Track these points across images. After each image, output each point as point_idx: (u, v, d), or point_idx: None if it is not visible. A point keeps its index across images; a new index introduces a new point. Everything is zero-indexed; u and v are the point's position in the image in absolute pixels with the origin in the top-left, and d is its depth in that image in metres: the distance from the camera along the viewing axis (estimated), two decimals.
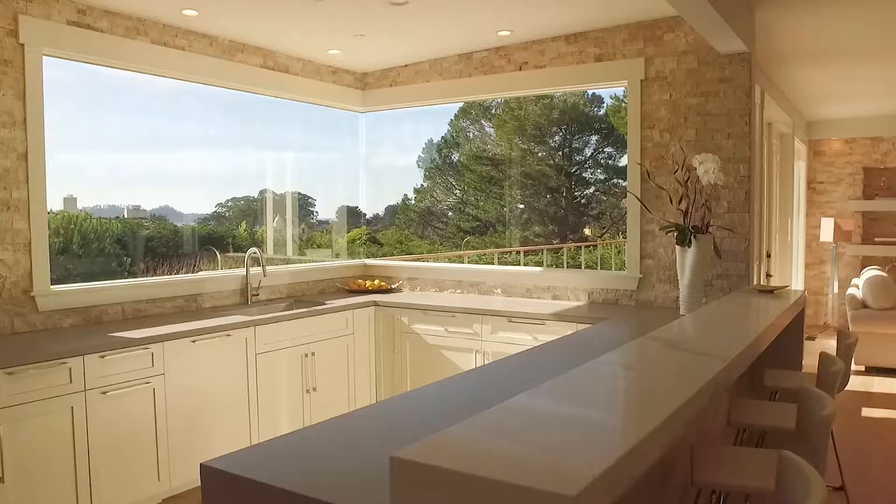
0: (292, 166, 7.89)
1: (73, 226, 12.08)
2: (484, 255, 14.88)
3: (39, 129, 3.81)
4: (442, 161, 21.47)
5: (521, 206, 18.16)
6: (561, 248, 13.13)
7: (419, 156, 22.71)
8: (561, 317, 4.25)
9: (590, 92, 16.48)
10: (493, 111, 19.50)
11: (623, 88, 4.63)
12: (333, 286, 5.59)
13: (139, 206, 14.95)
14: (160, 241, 14.14)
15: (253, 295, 4.89)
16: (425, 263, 5.86)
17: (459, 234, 20.60)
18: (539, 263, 12.01)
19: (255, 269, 4.89)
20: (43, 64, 3.83)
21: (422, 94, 5.48)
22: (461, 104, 20.45)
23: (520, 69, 4.98)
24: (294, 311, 4.57)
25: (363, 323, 4.96)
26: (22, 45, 3.73)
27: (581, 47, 4.70)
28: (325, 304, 4.88)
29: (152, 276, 11.48)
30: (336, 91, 5.65)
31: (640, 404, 1.79)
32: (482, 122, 20.34)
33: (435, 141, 22.03)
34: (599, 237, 16.44)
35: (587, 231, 17.06)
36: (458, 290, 5.34)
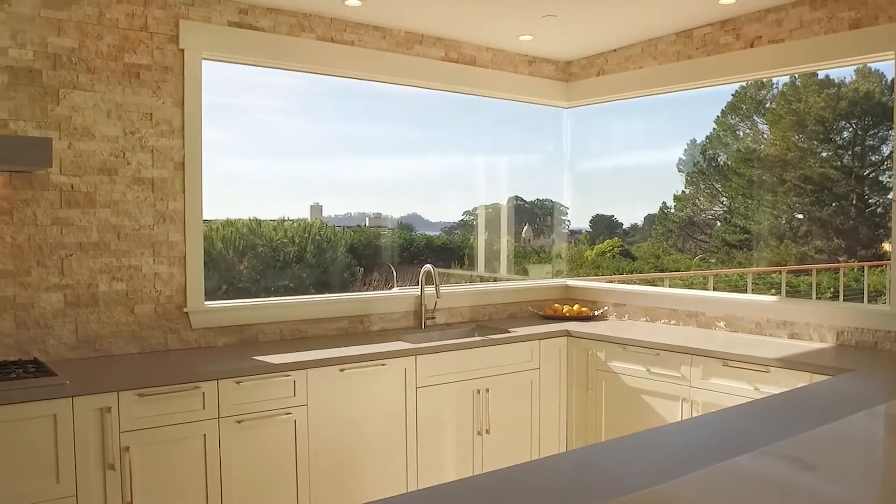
0: (506, 170, 7.68)
1: (307, 234, 12.93)
2: (763, 273, 13.59)
3: (197, 137, 3.91)
4: (706, 164, 20.21)
5: (800, 217, 16.40)
6: (839, 268, 11.53)
7: (680, 158, 21.60)
8: (790, 363, 3.50)
9: (889, 77, 14.45)
10: (766, 105, 17.97)
11: (894, 62, 3.75)
12: (526, 310, 5.22)
13: (380, 213, 15.85)
14: (395, 250, 14.77)
15: (428, 318, 4.69)
16: (635, 287, 5.29)
17: (724, 247, 19.23)
18: (811, 286, 10.65)
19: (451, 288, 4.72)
20: (202, 68, 3.94)
21: (633, 83, 4.96)
22: (730, 97, 19.11)
23: (751, 46, 4.27)
24: (461, 341, 4.29)
25: (552, 356, 4.54)
26: (182, 51, 3.86)
27: (831, 11, 3.90)
28: (508, 331, 4.54)
29: (373, 288, 11.88)
30: (534, 84, 5.31)
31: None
32: (754, 118, 18.84)
33: (699, 141, 20.81)
34: None
35: (886, 246, 14.93)
36: (672, 321, 4.72)
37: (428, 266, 4.62)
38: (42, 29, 3.50)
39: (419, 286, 4.70)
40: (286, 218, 12.68)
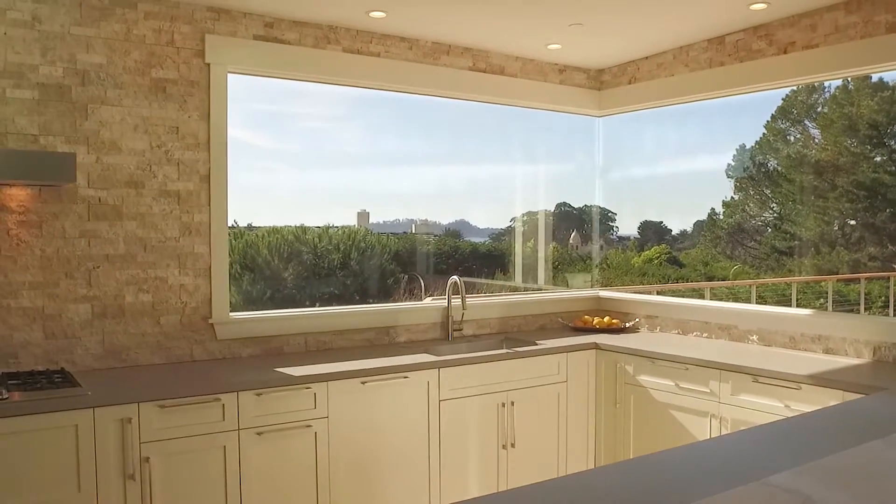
0: (539, 179, 7.59)
1: (351, 241, 12.94)
2: (814, 282, 13.22)
3: (222, 150, 3.94)
4: (756, 170, 19.78)
5: (852, 223, 15.92)
6: (888, 277, 11.14)
7: (728, 164, 21.18)
8: (822, 380, 3.36)
9: None
10: (818, 109, 17.54)
11: None
12: (556, 322, 5.13)
13: (427, 219, 15.91)
14: (439, 257, 14.75)
15: (455, 329, 4.64)
16: (667, 299, 5.17)
17: (774, 254, 18.79)
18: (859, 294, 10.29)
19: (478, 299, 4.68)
20: (228, 81, 3.96)
21: (666, 91, 4.84)
22: (780, 102, 18.71)
23: (784, 52, 4.13)
24: (485, 353, 4.23)
25: (580, 369, 4.45)
26: (208, 65, 3.89)
27: (867, 15, 3.75)
28: (536, 343, 4.47)
29: (415, 296, 11.84)
30: (565, 93, 5.22)
31: None
32: (805, 122, 18.39)
33: (748, 146, 20.39)
34: None
35: None
36: (705, 334, 4.59)
37: (454, 277, 4.57)
38: (71, 46, 3.56)
39: (446, 297, 4.65)
40: (331, 225, 12.71)
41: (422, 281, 11.23)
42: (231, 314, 3.98)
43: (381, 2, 3.90)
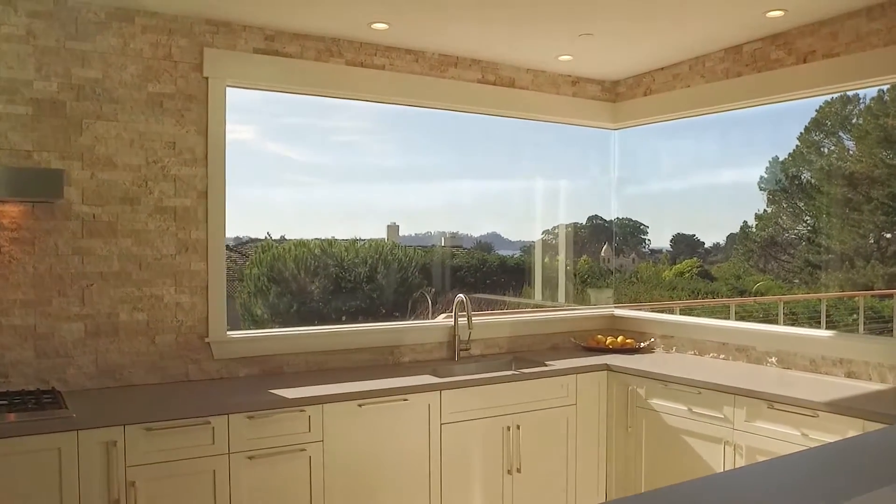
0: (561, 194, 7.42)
1: (378, 255, 12.82)
2: (851, 297, 12.79)
3: (220, 165, 3.83)
4: (789, 182, 19.36)
5: (888, 236, 15.46)
6: None
7: (761, 176, 20.78)
8: (840, 408, 3.14)
9: None
10: (852, 120, 17.12)
11: None
12: (569, 341, 4.94)
13: (456, 232, 15.81)
14: (467, 270, 14.59)
15: (462, 349, 4.47)
16: (683, 318, 4.96)
17: (807, 268, 18.33)
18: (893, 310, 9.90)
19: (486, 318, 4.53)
20: (227, 95, 3.86)
21: (682, 103, 4.65)
22: (814, 114, 18.32)
23: (804, 61, 3.92)
24: (488, 375, 4.05)
25: (590, 391, 4.26)
26: (206, 79, 3.79)
27: (890, 22, 3.54)
28: (545, 364, 4.28)
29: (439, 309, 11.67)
30: (578, 105, 5.05)
31: None
32: (839, 134, 17.96)
33: (781, 158, 19.98)
34: None
35: None
36: (722, 355, 4.37)
37: (460, 295, 4.40)
38: (66, 61, 3.48)
39: (452, 315, 4.49)
40: (358, 238, 12.62)
41: (429, 299, 11.04)
42: (229, 333, 3.86)
43: (383, 13, 3.77)
